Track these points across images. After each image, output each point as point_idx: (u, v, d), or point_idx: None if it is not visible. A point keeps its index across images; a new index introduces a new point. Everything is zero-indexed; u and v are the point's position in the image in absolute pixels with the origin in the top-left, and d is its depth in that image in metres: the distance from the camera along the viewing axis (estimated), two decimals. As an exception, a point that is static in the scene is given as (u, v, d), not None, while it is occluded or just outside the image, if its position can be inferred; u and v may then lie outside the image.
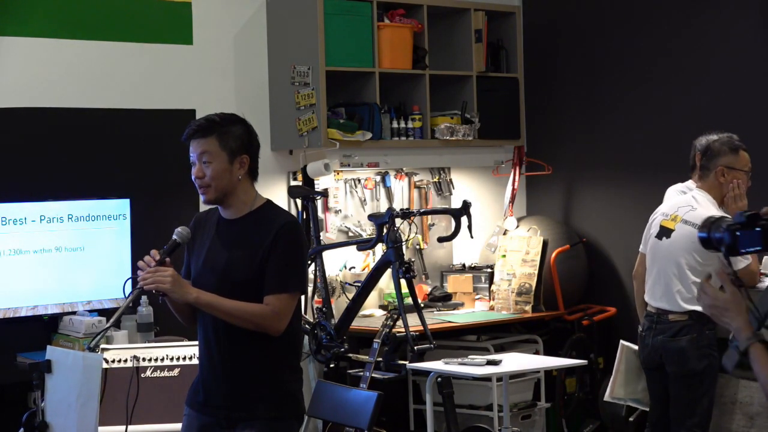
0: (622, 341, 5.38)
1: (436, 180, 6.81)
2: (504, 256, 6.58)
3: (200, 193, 3.54)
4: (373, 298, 6.28)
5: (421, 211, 6.13)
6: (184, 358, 4.74)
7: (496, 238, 6.79)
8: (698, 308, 4.78)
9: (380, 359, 5.24)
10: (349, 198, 6.44)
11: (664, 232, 5.01)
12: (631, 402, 5.43)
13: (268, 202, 3.61)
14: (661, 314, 4.97)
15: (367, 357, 5.28)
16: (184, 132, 3.56)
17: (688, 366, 4.89)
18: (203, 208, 3.77)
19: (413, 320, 5.30)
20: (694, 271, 4.87)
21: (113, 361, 4.66)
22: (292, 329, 3.55)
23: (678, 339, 4.90)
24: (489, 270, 6.70)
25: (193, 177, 3.55)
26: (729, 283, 2.32)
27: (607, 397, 5.43)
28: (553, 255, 6.53)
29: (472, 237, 5.76)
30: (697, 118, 6.21)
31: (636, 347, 5.23)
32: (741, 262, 4.67)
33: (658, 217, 5.08)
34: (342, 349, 5.57)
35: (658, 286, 5.01)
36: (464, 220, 5.57)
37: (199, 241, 3.61)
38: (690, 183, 5.13)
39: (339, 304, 6.05)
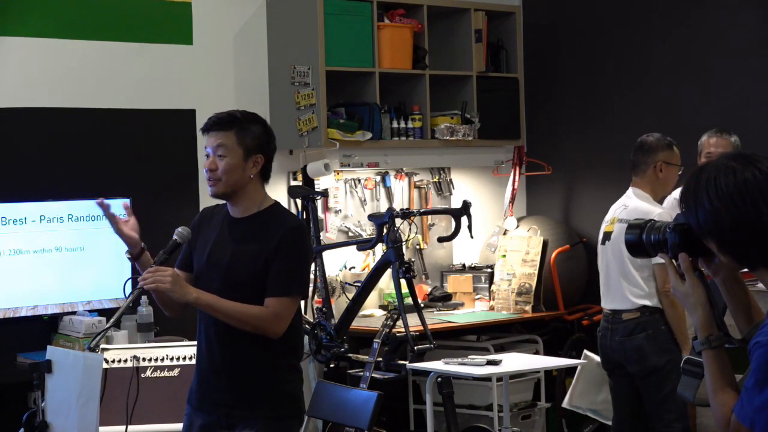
0: (585, 351, 5.42)
1: (436, 180, 6.81)
2: (504, 256, 6.58)
3: (209, 185, 3.55)
4: (373, 298, 6.28)
5: (421, 211, 6.13)
6: (184, 358, 4.74)
7: (496, 238, 6.79)
8: (649, 303, 4.91)
9: (380, 359, 5.24)
10: (349, 198, 6.44)
11: (606, 237, 5.16)
12: (590, 413, 5.47)
13: (276, 204, 3.62)
14: (615, 314, 5.05)
15: (367, 357, 5.28)
16: (204, 124, 3.57)
17: (648, 363, 4.93)
18: (203, 206, 3.78)
19: (413, 320, 5.31)
20: (637, 265, 4.92)
21: (113, 361, 4.66)
22: (293, 330, 3.56)
23: (634, 337, 4.96)
24: (489, 270, 6.70)
25: (204, 169, 3.55)
26: (691, 275, 2.31)
27: (565, 404, 5.47)
28: (553, 255, 6.54)
29: (472, 237, 5.76)
30: (697, 117, 6.22)
31: (597, 358, 5.28)
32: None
33: (602, 227, 5.20)
34: (342, 349, 5.57)
35: (609, 289, 5.12)
36: (464, 220, 5.57)
37: (203, 237, 3.61)
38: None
39: (339, 304, 6.05)
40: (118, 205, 5.35)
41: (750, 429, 2.15)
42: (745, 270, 2.30)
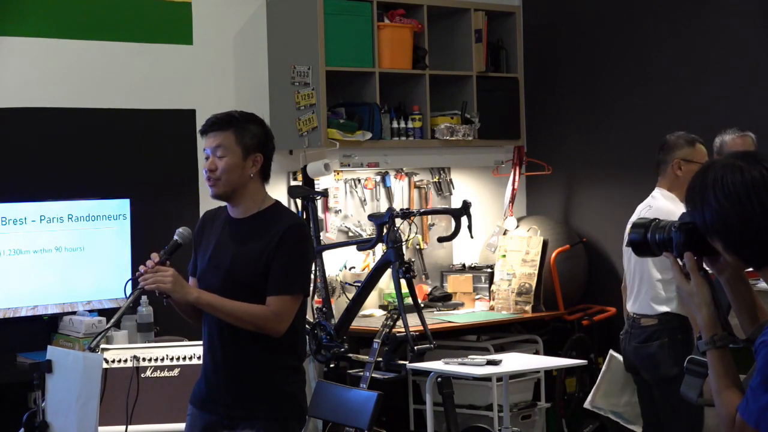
0: (611, 351, 5.35)
1: (436, 180, 6.81)
2: (504, 256, 6.58)
3: (209, 186, 3.55)
4: (373, 298, 6.28)
5: (421, 211, 6.13)
6: (184, 358, 4.74)
7: (496, 238, 6.79)
8: (668, 309, 4.82)
9: (380, 359, 5.24)
10: (349, 198, 6.44)
11: None
12: (612, 415, 5.34)
13: (277, 204, 3.62)
14: (636, 319, 4.97)
15: (367, 357, 5.28)
16: (202, 125, 3.60)
17: (660, 372, 4.86)
18: (203, 207, 3.79)
19: (413, 320, 5.30)
20: (660, 268, 4.86)
21: (113, 361, 4.66)
22: (296, 331, 3.56)
23: (648, 345, 4.88)
24: (489, 270, 6.70)
25: (204, 170, 3.56)
26: (696, 275, 2.31)
27: (587, 405, 5.38)
28: (553, 255, 6.53)
29: (472, 237, 5.76)
30: (697, 117, 6.21)
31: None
32: None
33: (627, 228, 5.11)
34: (342, 349, 5.57)
35: (632, 291, 5.03)
36: (464, 220, 5.57)
37: (206, 239, 3.63)
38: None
39: (339, 304, 6.05)
40: (119, 205, 5.39)
41: (755, 428, 2.15)
42: (750, 269, 2.29)
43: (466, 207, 5.59)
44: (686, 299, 2.33)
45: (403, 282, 5.34)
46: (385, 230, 5.45)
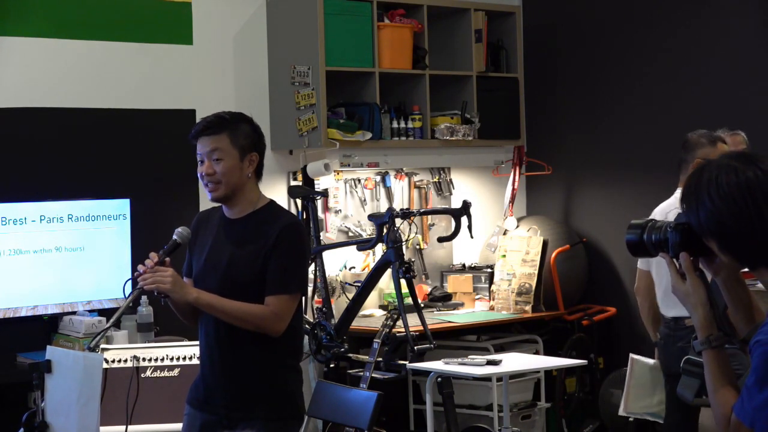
0: (631, 355, 5.29)
1: (436, 180, 6.81)
2: (504, 256, 6.58)
3: (208, 190, 3.55)
4: (373, 298, 6.28)
5: (421, 211, 6.13)
6: (184, 358, 4.74)
7: (496, 238, 6.79)
8: None
9: (380, 359, 5.24)
10: (349, 198, 6.44)
11: None
12: (649, 416, 5.31)
13: (272, 203, 3.62)
14: (677, 321, 4.91)
15: (367, 357, 5.28)
16: (191, 131, 3.57)
17: None
18: (203, 207, 3.78)
19: (413, 320, 5.30)
20: None
21: (113, 361, 4.66)
22: (293, 330, 3.56)
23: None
24: (489, 270, 6.70)
25: (200, 174, 3.55)
26: (692, 275, 2.31)
27: (621, 412, 5.33)
28: (553, 255, 6.53)
29: (472, 237, 5.76)
30: (698, 117, 6.21)
31: (646, 360, 5.16)
32: None
33: None
34: (342, 349, 5.57)
35: (667, 295, 4.95)
36: (464, 220, 5.57)
37: (201, 240, 3.62)
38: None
39: (339, 304, 6.05)
40: (119, 205, 5.40)
41: (750, 428, 2.15)
42: (746, 270, 2.29)
43: (466, 207, 5.59)
44: (682, 300, 2.33)
45: (403, 282, 5.34)
46: (385, 230, 5.45)
